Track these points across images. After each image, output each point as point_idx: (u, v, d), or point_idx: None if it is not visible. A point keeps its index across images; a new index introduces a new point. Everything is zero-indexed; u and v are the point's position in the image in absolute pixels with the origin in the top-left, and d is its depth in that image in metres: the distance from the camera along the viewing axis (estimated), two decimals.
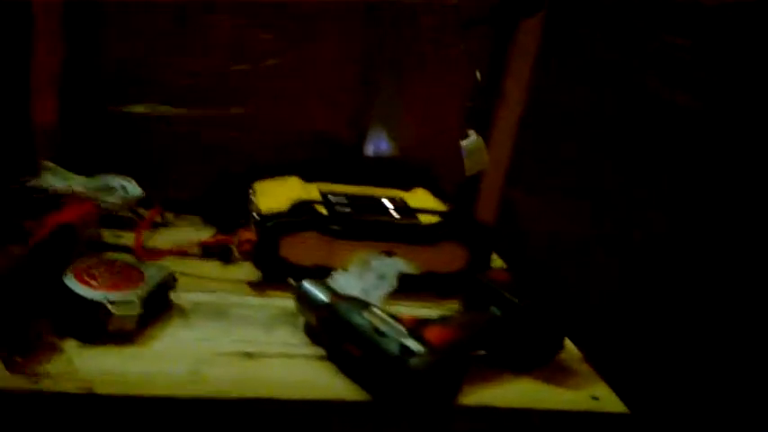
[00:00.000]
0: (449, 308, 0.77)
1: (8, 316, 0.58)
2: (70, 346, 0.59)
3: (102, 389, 0.55)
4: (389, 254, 0.76)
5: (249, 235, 0.77)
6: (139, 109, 0.88)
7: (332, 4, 0.89)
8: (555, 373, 0.69)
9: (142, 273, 0.66)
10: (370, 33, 0.92)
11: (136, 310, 0.62)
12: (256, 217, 0.77)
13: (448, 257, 0.82)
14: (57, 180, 0.80)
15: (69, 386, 0.54)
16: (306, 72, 0.92)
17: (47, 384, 0.54)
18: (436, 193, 0.93)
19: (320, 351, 0.66)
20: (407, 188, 0.94)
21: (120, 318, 0.61)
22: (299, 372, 0.63)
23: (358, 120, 0.96)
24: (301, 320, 0.70)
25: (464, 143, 0.87)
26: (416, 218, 0.84)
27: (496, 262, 0.91)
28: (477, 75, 0.91)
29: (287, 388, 0.60)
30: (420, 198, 0.91)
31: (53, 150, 0.85)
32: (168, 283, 0.68)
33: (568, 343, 0.72)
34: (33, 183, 0.79)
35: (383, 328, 0.62)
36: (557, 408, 0.65)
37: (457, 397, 0.62)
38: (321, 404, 0.60)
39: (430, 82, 0.95)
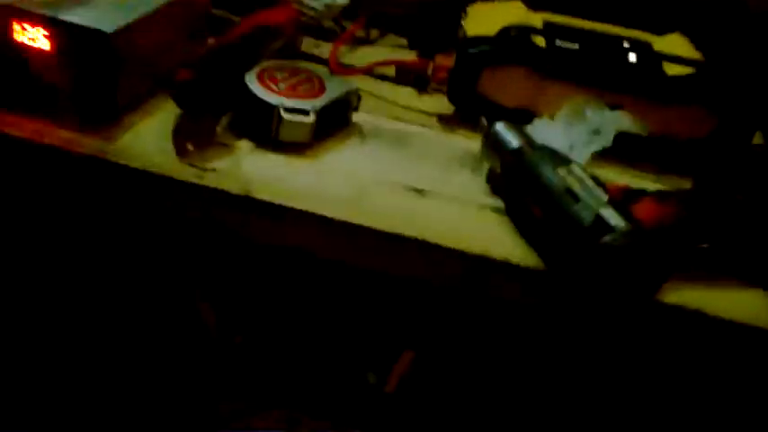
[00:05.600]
0: (674, 185, 0.61)
1: (190, 106, 0.57)
2: (242, 146, 0.58)
3: (260, 193, 0.53)
4: (613, 106, 0.61)
5: (447, 61, 0.66)
6: None
7: None
8: None
9: (324, 85, 0.61)
10: None
11: (309, 121, 0.58)
12: (459, 42, 0.66)
13: (688, 121, 0.64)
14: None
15: (231, 185, 0.53)
16: None
17: (210, 179, 0.53)
18: (699, 41, 0.73)
19: (499, 203, 0.57)
20: (660, 32, 0.75)
21: (291, 125, 0.57)
22: (469, 220, 0.55)
23: None
24: (486, 167, 0.60)
25: None
26: (660, 67, 0.66)
27: None
28: None
29: (451, 234, 0.52)
30: (672, 45, 0.71)
31: None
32: (350, 100, 0.63)
33: None
34: None
35: (578, 190, 0.50)
36: None
37: (657, 292, 0.49)
38: (483, 260, 0.51)
39: None
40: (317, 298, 0.64)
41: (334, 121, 0.62)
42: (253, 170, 0.55)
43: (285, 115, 0.57)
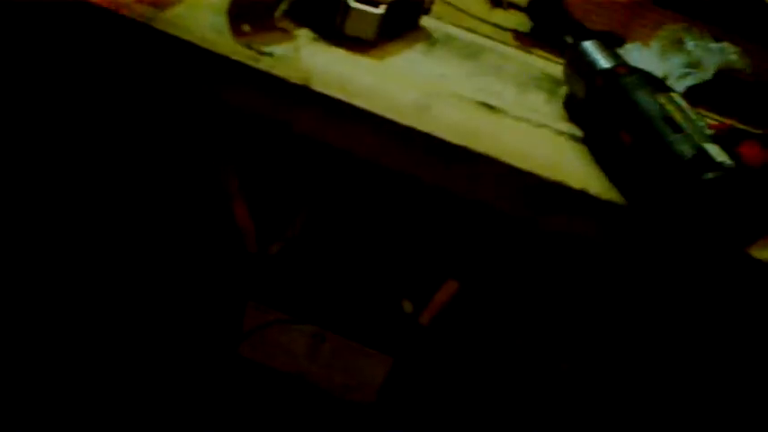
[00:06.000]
0: None
1: None
2: (302, 35, 0.52)
3: (318, 85, 0.48)
4: (717, 38, 0.54)
5: None
6: None
7: None
8: None
9: None
10: None
11: (379, 12, 0.52)
12: None
13: None
14: None
15: (289, 73, 0.48)
16: None
17: (266, 63, 0.48)
18: None
19: (576, 130, 0.51)
20: None
21: (359, 16, 0.51)
22: (541, 144, 0.50)
23: None
24: (563, 91, 0.55)
25: None
26: (764, 3, 0.59)
27: None
28: None
29: (523, 156, 0.47)
30: None
31: None
32: (422, 0, 0.57)
33: None
34: None
35: (680, 120, 0.44)
36: None
37: (753, 242, 0.44)
38: (556, 187, 0.46)
39: None
40: (363, 212, 0.60)
41: (403, 22, 0.56)
42: (313, 61, 0.50)
43: (353, 3, 0.51)
